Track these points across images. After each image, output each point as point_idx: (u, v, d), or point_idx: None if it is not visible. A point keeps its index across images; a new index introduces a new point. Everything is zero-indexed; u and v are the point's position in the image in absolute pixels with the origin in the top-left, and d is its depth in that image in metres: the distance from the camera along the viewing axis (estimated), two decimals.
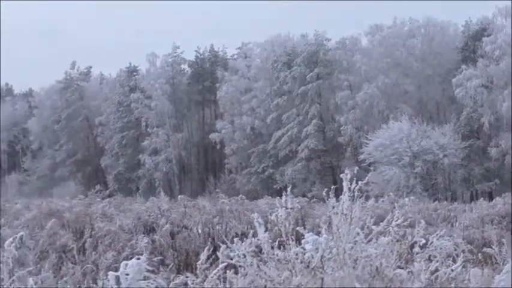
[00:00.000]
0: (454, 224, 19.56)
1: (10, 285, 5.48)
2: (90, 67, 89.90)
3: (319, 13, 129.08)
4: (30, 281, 5.88)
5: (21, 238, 5.91)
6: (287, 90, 70.31)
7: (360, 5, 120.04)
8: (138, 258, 4.97)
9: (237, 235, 16.53)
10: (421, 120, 56.93)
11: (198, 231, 18.34)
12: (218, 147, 75.80)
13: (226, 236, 17.54)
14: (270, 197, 31.73)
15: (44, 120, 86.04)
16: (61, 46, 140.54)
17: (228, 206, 21.42)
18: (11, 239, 5.41)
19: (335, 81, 68.86)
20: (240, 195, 24.42)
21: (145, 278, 5.10)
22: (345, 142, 65.80)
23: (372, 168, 48.57)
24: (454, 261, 5.72)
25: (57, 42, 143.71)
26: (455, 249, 6.20)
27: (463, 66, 61.31)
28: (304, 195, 40.22)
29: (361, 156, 55.62)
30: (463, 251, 6.89)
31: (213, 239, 17.54)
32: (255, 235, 5.55)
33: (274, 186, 66.17)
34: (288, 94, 70.19)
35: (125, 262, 5.06)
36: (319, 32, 72.18)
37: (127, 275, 4.99)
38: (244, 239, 5.50)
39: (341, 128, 65.77)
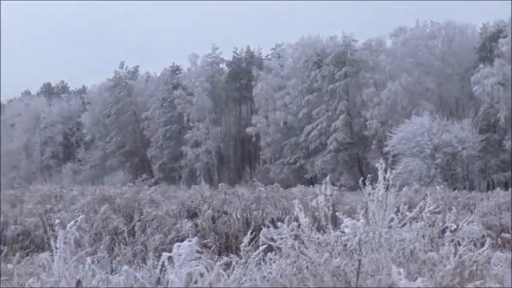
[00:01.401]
0: (473, 211, 19.41)
1: (71, 264, 5.48)
2: (137, 66, 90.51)
3: (346, 16, 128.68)
4: (88, 260, 5.88)
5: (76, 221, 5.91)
6: (317, 87, 70.30)
7: (385, 8, 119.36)
8: (190, 241, 4.93)
9: (273, 220, 16.50)
10: (441, 116, 56.51)
11: (237, 216, 18.31)
12: (254, 139, 75.98)
13: (263, 221, 17.55)
14: (302, 186, 31.67)
15: (96, 115, 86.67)
16: (111, 46, 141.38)
17: (264, 193, 21.38)
18: (72, 222, 5.40)
19: (361, 79, 68.66)
20: (275, 184, 24.33)
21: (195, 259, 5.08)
22: (371, 135, 65.65)
23: (396, 159, 48.25)
24: (475, 245, 5.65)
25: (107, 43, 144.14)
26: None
27: (481, 65, 60.73)
28: (333, 184, 40.00)
29: (386, 149, 55.41)
30: (483, 236, 6.81)
31: (251, 223, 17.54)
32: (295, 219, 5.49)
33: (305, 176, 66.28)
34: (318, 91, 70.16)
35: (177, 244, 5.02)
36: (347, 34, 72.27)
37: (179, 255, 4.96)
38: (280, 223, 5.45)
39: (367, 123, 65.62)
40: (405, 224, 5.13)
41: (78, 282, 5.52)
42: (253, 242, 6.55)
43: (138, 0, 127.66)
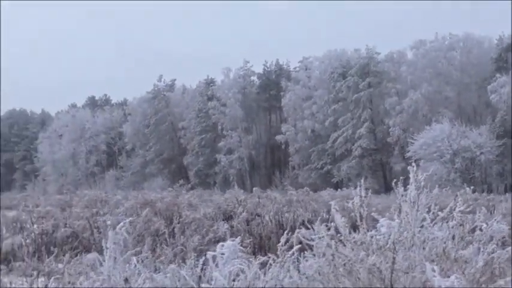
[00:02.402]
0: (493, 212, 19.17)
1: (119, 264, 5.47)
2: (174, 79, 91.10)
3: (369, 30, 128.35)
4: (134, 259, 5.87)
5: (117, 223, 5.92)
6: (342, 97, 70.24)
7: (406, 22, 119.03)
8: (233, 240, 4.91)
9: (303, 222, 16.43)
10: (460, 122, 56.19)
11: (270, 218, 18.27)
12: (283, 146, 76.10)
13: (294, 223, 17.46)
14: (330, 189, 31.55)
15: (136, 125, 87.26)
16: (150, 61, 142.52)
17: (295, 196, 21.32)
18: (121, 224, 5.39)
19: (384, 89, 68.46)
20: (305, 188, 24.22)
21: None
22: (393, 142, 65.38)
23: (417, 164, 47.88)
24: (496, 244, 5.56)
25: (146, 58, 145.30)
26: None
27: (497, 75, 60.26)
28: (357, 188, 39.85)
29: (408, 154, 55.31)
30: (503, 236, 6.72)
31: (283, 225, 17.48)
32: (325, 221, 5.44)
33: (332, 180, 66.07)
34: (343, 101, 70.07)
35: (221, 243, 5.01)
36: (370, 47, 72.03)
37: (223, 254, 4.93)
38: (316, 224, 5.40)
39: (390, 130, 65.42)
40: (436, 223, 5.07)
41: (126, 280, 5.51)
42: (287, 242, 6.50)
43: (173, 18, 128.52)
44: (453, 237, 5.10)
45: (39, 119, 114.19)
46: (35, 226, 19.11)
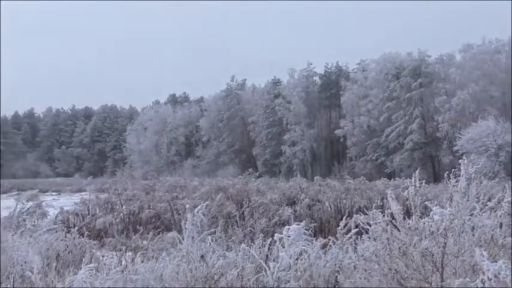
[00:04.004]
0: None
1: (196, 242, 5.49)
2: (245, 79, 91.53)
3: (422, 34, 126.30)
4: (209, 238, 5.88)
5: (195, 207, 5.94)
6: (396, 96, 69.31)
7: (455, 27, 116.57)
8: (298, 224, 4.87)
9: (360, 208, 16.25)
10: (504, 119, 54.67)
11: (329, 204, 18.15)
12: (341, 140, 75.53)
13: (351, 209, 17.27)
14: (384, 179, 31.10)
15: (211, 120, 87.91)
16: (223, 63, 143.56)
17: (352, 185, 21.14)
18: (199, 207, 5.40)
19: (434, 89, 67.17)
20: (361, 177, 23.98)
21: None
22: (442, 136, 64.13)
23: (464, 157, 46.93)
24: None
25: (220, 60, 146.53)
26: None
27: None
28: (410, 178, 39.42)
29: (455, 148, 54.11)
30: None
31: (341, 210, 17.33)
32: (380, 207, 5.34)
33: (385, 171, 65.42)
34: (397, 99, 69.15)
35: (287, 227, 4.98)
36: (421, 50, 70.98)
37: (289, 236, 4.90)
38: (374, 210, 5.32)
39: (439, 126, 64.20)
40: (485, 212, 4.94)
41: (202, 257, 5.52)
42: (346, 226, 6.42)
43: (244, 25, 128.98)
44: (501, 225, 4.97)
45: (127, 113, 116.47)
46: (124, 207, 19.50)
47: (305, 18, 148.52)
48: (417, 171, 5.15)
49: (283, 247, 5.15)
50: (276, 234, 5.07)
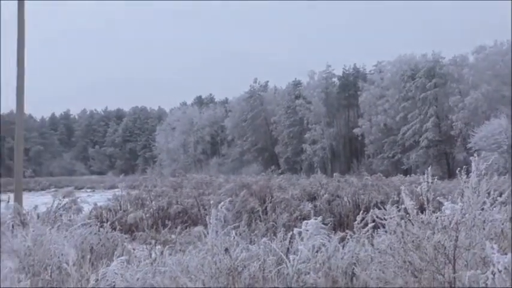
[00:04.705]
0: None
1: (221, 236, 5.51)
2: (267, 81, 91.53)
3: (435, 36, 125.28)
4: (233, 232, 5.89)
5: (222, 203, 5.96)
6: (411, 96, 68.92)
7: (468, 29, 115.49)
8: (316, 219, 4.87)
9: (377, 203, 16.16)
10: None
11: (348, 199, 18.08)
12: (359, 138, 75.35)
13: (369, 203, 17.17)
14: (400, 175, 30.85)
15: (236, 120, 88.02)
16: (247, 65, 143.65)
17: (370, 181, 20.99)
18: (222, 203, 5.43)
19: (448, 89, 66.68)
20: (378, 173, 23.82)
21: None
22: (456, 134, 63.61)
23: (477, 154, 46.49)
24: None
25: (244, 63, 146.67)
26: None
27: None
28: (424, 174, 39.12)
29: (469, 145, 53.69)
30: None
31: (359, 205, 17.25)
32: (396, 202, 5.33)
33: (402, 167, 65.03)
34: (412, 99, 68.75)
35: (305, 221, 4.98)
36: (435, 52, 70.60)
37: (307, 230, 4.90)
38: (388, 205, 5.30)
39: (453, 124, 63.74)
40: (495, 206, 4.89)
41: (226, 250, 5.54)
42: (363, 220, 6.40)
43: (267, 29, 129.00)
44: (511, 219, 4.93)
45: (156, 114, 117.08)
46: (153, 203, 19.60)
47: (322, 21, 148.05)
48: (429, 168, 5.11)
49: (302, 240, 5.16)
50: (295, 229, 5.08)
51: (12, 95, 17.61)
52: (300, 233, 5.04)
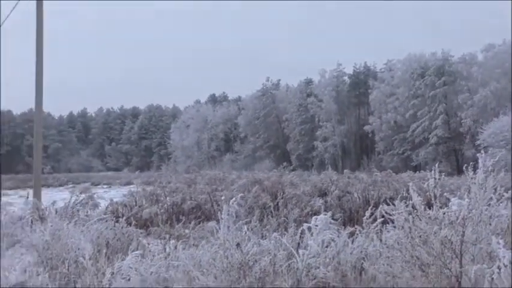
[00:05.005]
0: None
1: (232, 231, 5.52)
2: (279, 80, 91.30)
3: (444, 35, 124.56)
4: (245, 227, 5.91)
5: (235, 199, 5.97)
6: (421, 94, 68.57)
7: (478, 28, 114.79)
8: (325, 214, 4.87)
9: (386, 199, 16.11)
10: None
11: (358, 195, 18.02)
12: (370, 135, 75.11)
13: (379, 199, 17.12)
14: (410, 172, 30.65)
15: (248, 117, 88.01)
16: (259, 64, 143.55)
17: (379, 177, 20.91)
18: (233, 199, 5.44)
19: (457, 87, 66.28)
20: (388, 170, 23.73)
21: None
22: (465, 131, 63.25)
23: (486, 150, 46.18)
24: None
25: (256, 62, 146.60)
26: None
27: None
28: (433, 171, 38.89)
29: (478, 142, 53.34)
30: None
31: (369, 201, 17.18)
32: (404, 198, 5.32)
33: (411, 164, 64.85)
34: (422, 97, 68.40)
35: (315, 217, 4.99)
36: (445, 51, 70.19)
37: (316, 225, 4.91)
38: (396, 201, 5.30)
39: (462, 121, 63.37)
40: (501, 202, 4.87)
41: (237, 244, 5.56)
42: (372, 216, 6.39)
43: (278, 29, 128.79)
44: (511, 216, 4.91)
45: (171, 112, 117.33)
46: (168, 199, 19.65)
47: (333, 20, 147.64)
48: (436, 165, 5.10)
49: (312, 235, 5.16)
50: (304, 224, 5.09)
51: (31, 94, 17.80)
52: (309, 228, 5.04)
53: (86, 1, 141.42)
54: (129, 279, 6.27)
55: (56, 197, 15.74)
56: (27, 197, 15.62)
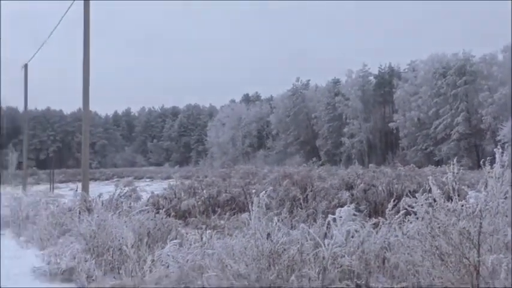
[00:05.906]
0: None
1: (263, 222, 5.53)
2: (309, 80, 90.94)
3: (465, 35, 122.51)
4: (275, 219, 5.92)
5: (267, 192, 5.97)
6: (443, 92, 67.56)
7: (498, 28, 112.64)
8: (348, 207, 4.85)
9: (409, 192, 15.95)
10: None
11: (382, 188, 17.87)
12: (394, 132, 74.52)
13: (402, 192, 16.93)
14: (432, 166, 30.23)
15: (280, 116, 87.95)
16: (289, 65, 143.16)
17: (403, 171, 20.68)
18: (263, 192, 5.45)
19: (478, 86, 65.10)
20: (412, 164, 23.44)
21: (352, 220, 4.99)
22: (486, 128, 62.13)
23: (505, 146, 45.36)
24: None
25: (287, 63, 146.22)
26: None
27: None
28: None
29: (498, 138, 52.49)
30: None
31: (393, 194, 17.02)
32: (426, 191, 5.26)
33: (434, 159, 63.93)
34: (444, 95, 67.40)
35: (339, 208, 4.97)
36: (466, 51, 68.91)
37: (340, 217, 4.89)
38: (417, 194, 5.25)
39: (482, 118, 62.26)
40: None
41: (268, 234, 5.57)
42: (395, 207, 6.34)
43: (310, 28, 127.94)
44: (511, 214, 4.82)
45: (208, 111, 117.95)
46: (204, 191, 19.78)
47: (360, 20, 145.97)
48: (455, 159, 5.03)
49: (337, 226, 5.15)
50: (329, 215, 5.08)
51: (78, 95, 18.02)
52: (334, 220, 5.03)
53: (134, 1, 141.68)
54: (167, 266, 6.34)
55: (102, 189, 15.97)
56: (76, 190, 15.90)
